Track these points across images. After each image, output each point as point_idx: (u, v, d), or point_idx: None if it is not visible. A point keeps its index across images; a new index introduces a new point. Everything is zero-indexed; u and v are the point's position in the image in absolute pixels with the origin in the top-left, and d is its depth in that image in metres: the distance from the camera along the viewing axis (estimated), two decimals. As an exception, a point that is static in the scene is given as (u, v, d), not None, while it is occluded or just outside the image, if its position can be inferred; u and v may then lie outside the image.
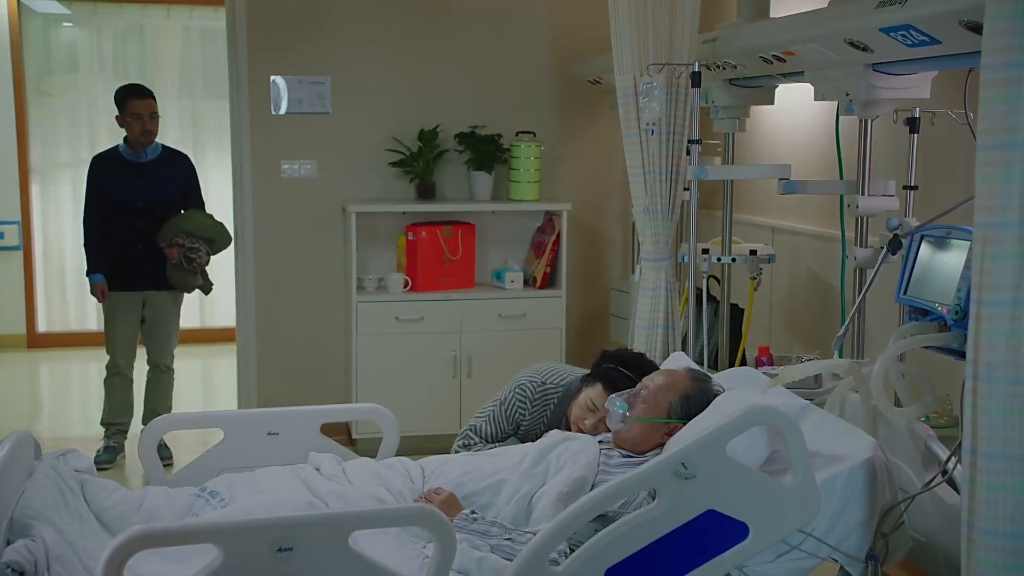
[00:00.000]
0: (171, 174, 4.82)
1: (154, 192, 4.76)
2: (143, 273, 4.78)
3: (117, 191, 4.75)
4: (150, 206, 4.75)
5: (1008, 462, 1.68)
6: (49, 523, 2.09)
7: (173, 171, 4.84)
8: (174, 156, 4.90)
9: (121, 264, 4.78)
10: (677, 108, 3.56)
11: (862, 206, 3.13)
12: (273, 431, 2.75)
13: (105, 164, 4.81)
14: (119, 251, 4.77)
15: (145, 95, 4.72)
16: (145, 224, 4.74)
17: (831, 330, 4.05)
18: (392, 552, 2.17)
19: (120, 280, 4.79)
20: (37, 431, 5.36)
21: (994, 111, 1.66)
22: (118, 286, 4.79)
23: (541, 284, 5.16)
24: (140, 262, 4.76)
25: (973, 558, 1.73)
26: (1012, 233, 1.65)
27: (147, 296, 4.83)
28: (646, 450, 2.58)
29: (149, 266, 4.75)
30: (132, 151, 4.75)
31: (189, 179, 4.89)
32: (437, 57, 5.22)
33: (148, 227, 4.74)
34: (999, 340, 1.68)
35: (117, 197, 4.74)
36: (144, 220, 4.74)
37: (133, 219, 4.74)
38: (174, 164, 4.86)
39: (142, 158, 4.76)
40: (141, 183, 4.75)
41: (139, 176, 4.75)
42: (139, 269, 4.77)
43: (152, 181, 4.76)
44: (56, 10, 7.23)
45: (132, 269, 4.78)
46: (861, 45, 2.76)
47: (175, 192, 4.82)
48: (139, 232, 4.75)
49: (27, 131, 7.21)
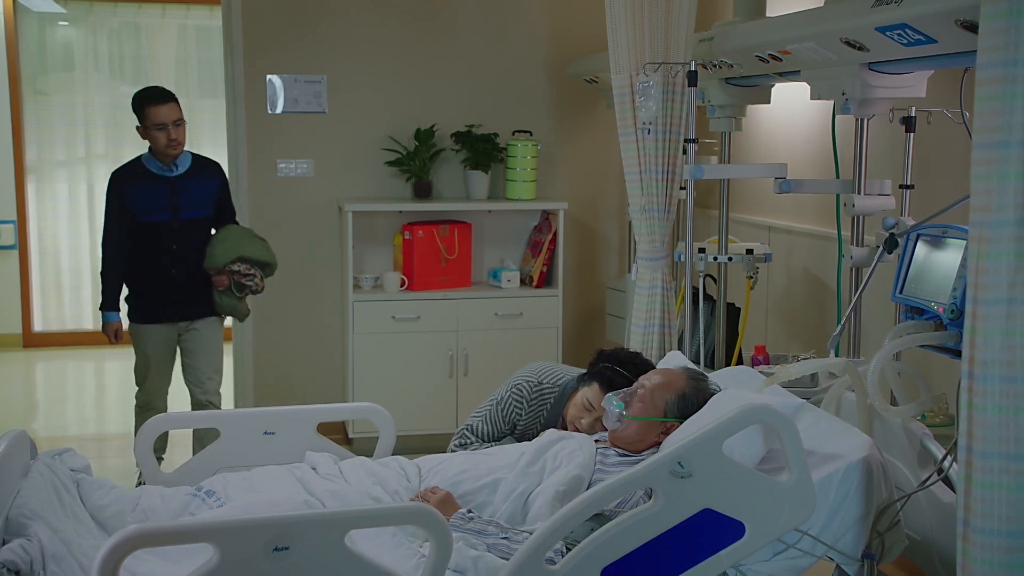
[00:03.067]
0: (205, 186, 4.23)
1: (190, 209, 4.16)
2: (180, 301, 4.19)
3: (149, 211, 4.09)
4: (186, 226, 4.15)
5: (1003, 460, 1.68)
6: (45, 522, 2.09)
7: (207, 182, 4.24)
8: (207, 165, 4.29)
9: (155, 293, 4.17)
10: (673, 107, 3.56)
11: (858, 205, 3.14)
12: (269, 430, 2.75)
13: (131, 180, 4.13)
14: (153, 279, 4.15)
15: (167, 99, 4.08)
16: (180, 246, 4.14)
17: (827, 329, 4.06)
18: (388, 551, 2.17)
19: (154, 311, 4.18)
20: (33, 430, 5.37)
21: (989, 110, 1.66)
22: (151, 317, 4.18)
23: (537, 283, 5.16)
24: (177, 290, 4.16)
25: (968, 556, 1.73)
26: (1007, 232, 1.65)
27: (183, 326, 4.24)
28: (642, 449, 2.58)
29: (187, 293, 4.18)
30: (160, 163, 4.13)
31: (223, 190, 4.32)
32: (433, 56, 5.22)
33: (184, 250, 4.15)
34: (994, 339, 1.68)
35: (149, 218, 4.09)
36: (179, 242, 4.14)
37: (168, 241, 4.12)
38: (207, 174, 4.26)
39: (173, 171, 4.13)
40: (176, 200, 4.12)
41: (172, 192, 4.12)
42: (176, 297, 4.18)
43: (187, 196, 4.15)
44: (52, 9, 7.22)
45: (168, 298, 4.17)
46: (857, 44, 2.76)
47: (210, 207, 4.24)
48: (175, 256, 4.14)
49: (23, 130, 7.20)
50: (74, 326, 7.48)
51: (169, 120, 4.04)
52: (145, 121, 4.06)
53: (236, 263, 4.15)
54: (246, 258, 4.17)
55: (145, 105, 4.05)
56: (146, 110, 4.04)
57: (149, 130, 4.06)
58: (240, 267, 4.15)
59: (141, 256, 4.15)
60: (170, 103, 4.07)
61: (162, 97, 4.07)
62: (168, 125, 4.04)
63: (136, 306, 4.22)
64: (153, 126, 4.04)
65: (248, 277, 4.17)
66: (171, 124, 4.04)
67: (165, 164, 4.12)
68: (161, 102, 4.05)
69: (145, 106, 4.05)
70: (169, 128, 4.04)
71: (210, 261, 4.14)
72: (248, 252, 4.17)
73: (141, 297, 4.20)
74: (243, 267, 4.16)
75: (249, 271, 4.17)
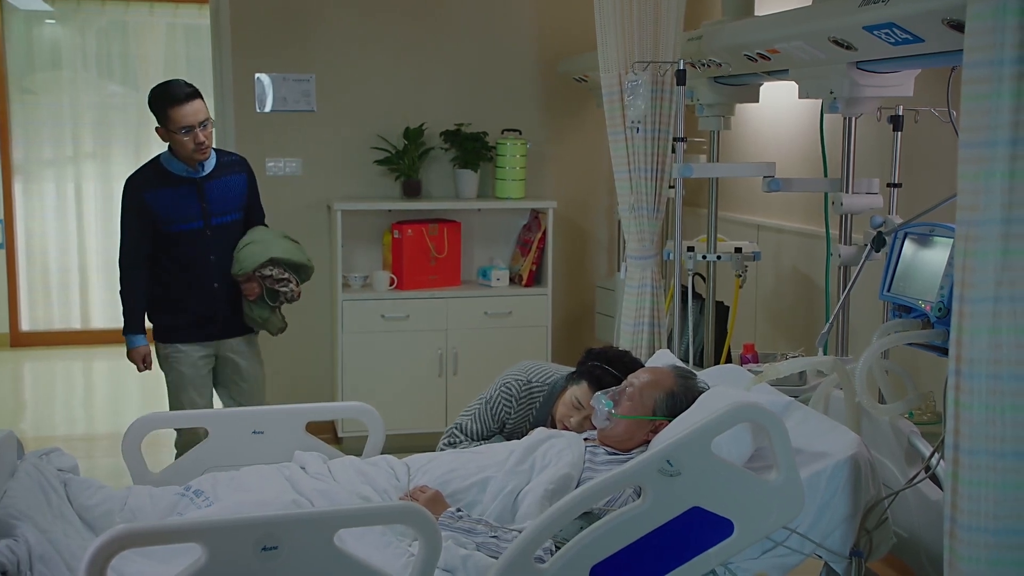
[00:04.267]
0: (234, 186, 3.77)
1: (222, 213, 3.72)
2: (217, 318, 3.76)
3: (176, 219, 3.64)
4: (220, 232, 3.71)
5: (990, 458, 1.69)
6: (32, 522, 2.08)
7: (235, 183, 3.78)
8: (234, 162, 3.82)
9: (189, 310, 3.73)
10: (662, 106, 3.57)
11: (846, 204, 3.15)
12: (258, 430, 2.74)
13: (152, 185, 3.64)
14: (187, 294, 3.73)
15: (191, 97, 3.54)
16: (216, 256, 3.71)
17: (815, 327, 4.07)
18: (377, 550, 2.16)
19: (187, 330, 3.74)
20: (21, 430, 5.33)
21: (976, 109, 1.67)
22: (184, 336, 3.74)
23: (527, 282, 5.16)
24: (215, 305, 3.75)
25: (955, 553, 1.74)
26: (994, 230, 1.66)
27: (220, 345, 3.81)
28: (631, 447, 2.59)
29: (223, 308, 3.76)
30: (184, 164, 3.65)
31: (251, 188, 3.86)
32: (422, 55, 5.21)
33: (219, 259, 3.71)
34: (981, 337, 1.69)
35: (178, 227, 3.65)
36: (214, 251, 3.70)
37: (203, 252, 3.69)
38: (235, 172, 3.79)
39: (199, 172, 3.67)
40: (205, 205, 3.67)
41: (201, 196, 3.66)
42: (214, 314, 3.75)
43: (217, 199, 3.70)
44: (39, 7, 7.19)
45: (203, 315, 3.74)
46: (845, 43, 2.77)
47: (241, 210, 3.80)
48: (209, 267, 3.71)
49: (9, 129, 7.17)
50: (62, 325, 7.46)
51: (196, 121, 3.53)
52: (167, 124, 3.54)
53: (267, 267, 3.68)
54: (277, 260, 3.70)
55: (167, 106, 3.53)
56: (169, 111, 3.52)
57: (172, 134, 3.56)
58: (272, 271, 3.68)
59: (171, 270, 3.71)
60: (195, 101, 3.55)
61: (186, 96, 3.53)
62: (195, 127, 3.53)
63: (166, 326, 3.76)
64: (177, 130, 3.53)
65: (282, 282, 3.71)
66: (198, 126, 3.54)
67: (190, 165, 3.65)
68: (185, 101, 3.52)
69: (168, 107, 3.52)
70: (196, 131, 3.54)
71: (237, 267, 3.68)
72: (279, 253, 3.70)
73: (173, 316, 3.74)
74: (275, 271, 3.69)
75: (282, 275, 3.70)
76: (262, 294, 3.72)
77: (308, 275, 3.84)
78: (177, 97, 3.52)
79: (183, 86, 3.57)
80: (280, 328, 3.87)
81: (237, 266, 3.68)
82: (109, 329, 7.43)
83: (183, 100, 3.52)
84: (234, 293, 3.75)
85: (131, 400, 6.25)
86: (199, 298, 3.72)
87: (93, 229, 7.42)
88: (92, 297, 7.47)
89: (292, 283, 3.73)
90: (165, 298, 3.74)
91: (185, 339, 3.74)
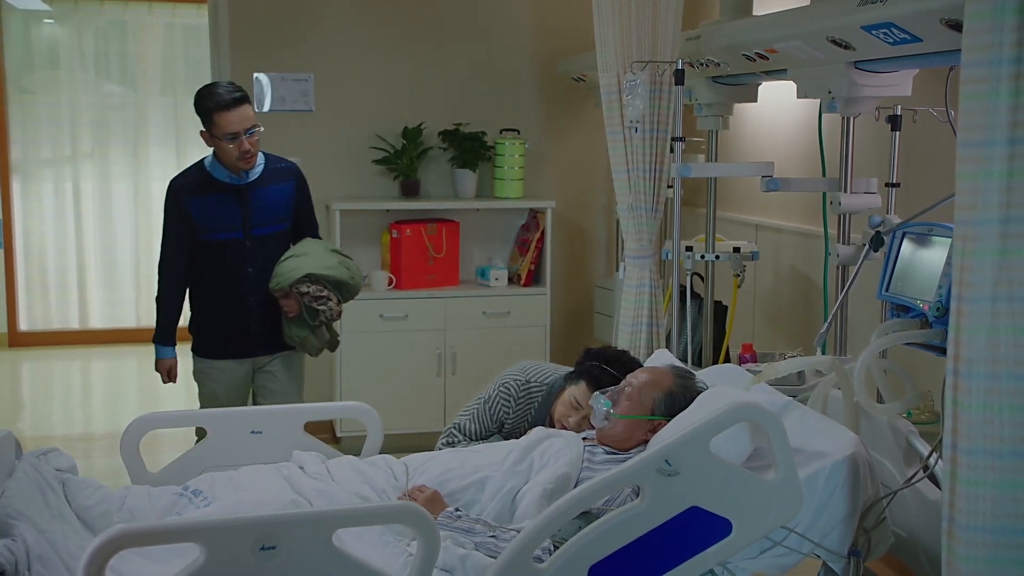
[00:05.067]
0: (281, 194, 3.58)
1: (265, 223, 3.53)
2: (252, 333, 3.58)
3: (215, 228, 3.48)
4: (261, 243, 3.52)
5: (988, 457, 1.69)
6: (30, 522, 2.08)
7: (282, 191, 3.58)
8: (283, 170, 3.62)
9: (225, 324, 3.57)
10: (661, 106, 3.57)
11: (844, 203, 3.15)
12: (257, 429, 2.74)
13: (193, 191, 3.48)
14: (223, 307, 3.56)
15: (238, 102, 3.37)
16: (256, 269, 3.52)
17: (814, 327, 4.07)
18: (376, 550, 2.16)
19: (224, 345, 3.58)
20: (19, 430, 5.34)
21: (974, 108, 1.67)
22: (221, 352, 3.58)
23: (525, 282, 5.16)
24: (252, 320, 3.56)
25: (953, 552, 1.74)
26: (992, 230, 1.66)
27: (258, 363, 3.64)
28: (630, 447, 2.59)
29: (259, 323, 3.57)
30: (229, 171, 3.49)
31: (301, 197, 3.67)
32: (421, 54, 5.21)
33: (261, 273, 3.52)
34: (979, 336, 1.69)
35: (215, 235, 3.49)
36: (253, 263, 3.52)
37: (240, 263, 3.51)
38: (283, 180, 3.60)
39: (244, 178, 3.49)
40: (247, 212, 3.50)
41: (243, 203, 3.49)
42: (251, 329, 3.57)
43: (261, 208, 3.52)
44: (37, 7, 7.18)
45: (240, 331, 3.56)
46: (843, 43, 2.77)
47: (288, 220, 3.62)
48: (250, 280, 3.52)
49: (7, 129, 7.16)
50: (60, 325, 7.45)
51: (242, 128, 3.36)
52: (212, 129, 3.39)
53: (304, 283, 3.45)
54: (316, 276, 3.47)
55: (213, 111, 3.36)
56: (214, 116, 3.36)
57: (216, 139, 3.40)
58: (310, 288, 3.45)
59: (208, 281, 3.55)
60: (243, 106, 3.38)
61: (234, 101, 3.36)
62: (240, 134, 3.36)
63: (202, 339, 3.61)
64: (224, 136, 3.36)
65: (320, 300, 3.46)
66: (243, 133, 3.37)
67: (234, 173, 3.47)
68: (232, 107, 3.35)
69: (213, 112, 3.36)
70: (242, 138, 3.37)
71: (275, 281, 3.47)
72: (317, 269, 3.46)
73: (208, 329, 3.59)
74: (313, 288, 3.45)
75: (321, 292, 3.46)
76: (301, 312, 3.50)
77: (352, 293, 3.60)
78: (223, 102, 3.35)
79: (230, 89, 3.40)
80: (321, 348, 3.63)
81: (275, 280, 3.48)
82: (107, 329, 7.44)
83: (230, 105, 3.35)
84: (273, 308, 3.54)
85: (129, 400, 6.26)
86: (234, 312, 3.54)
87: (91, 229, 7.41)
88: (90, 297, 7.46)
89: (332, 301, 3.49)
90: (201, 310, 3.60)
91: (219, 354, 3.59)
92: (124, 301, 7.49)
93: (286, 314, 3.52)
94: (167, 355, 3.63)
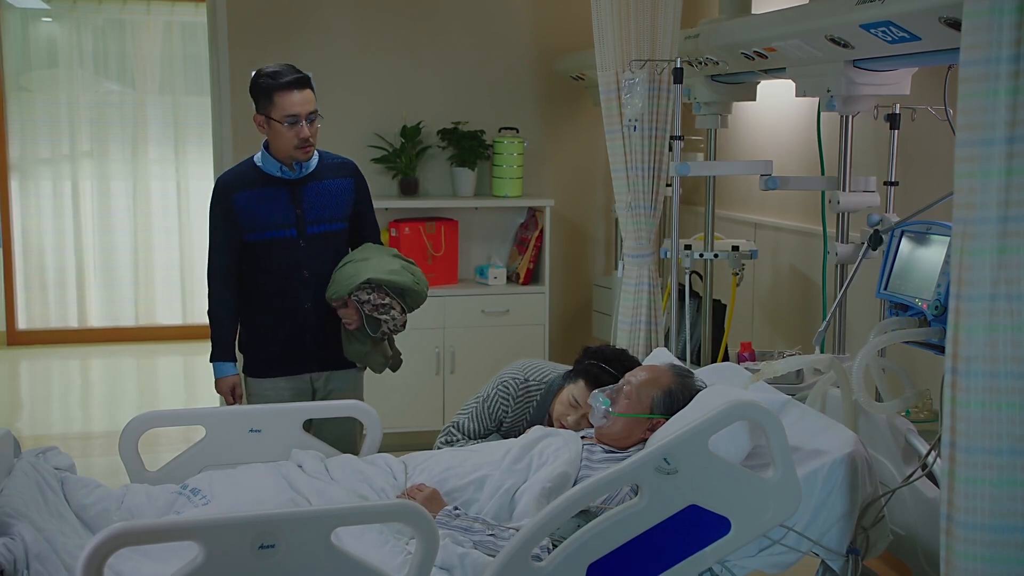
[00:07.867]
0: (337, 191, 3.25)
1: (320, 221, 3.20)
2: (308, 346, 3.24)
3: (266, 224, 3.15)
4: (316, 243, 3.20)
5: (986, 456, 1.69)
6: (28, 521, 2.08)
7: (340, 187, 3.25)
8: (340, 165, 3.30)
9: (278, 336, 3.23)
10: (659, 104, 3.57)
11: (843, 202, 3.15)
12: (255, 428, 2.74)
13: (241, 186, 3.16)
14: (276, 317, 3.22)
15: (302, 84, 3.08)
16: (310, 272, 3.19)
17: (812, 325, 4.07)
18: (375, 549, 2.16)
19: (277, 360, 3.24)
20: (17, 429, 5.35)
21: (973, 107, 1.67)
22: (271, 370, 3.25)
23: (524, 280, 5.16)
24: (303, 330, 3.23)
25: (952, 551, 1.74)
26: (990, 228, 1.66)
27: (317, 379, 3.30)
28: (628, 445, 2.59)
29: (319, 336, 3.23)
30: (281, 163, 3.16)
31: (360, 196, 3.32)
32: (420, 53, 5.21)
33: (313, 276, 3.19)
34: (978, 335, 1.69)
35: (265, 234, 3.16)
36: (308, 266, 3.19)
37: (294, 265, 3.18)
38: (341, 176, 3.27)
39: (297, 172, 3.17)
40: (300, 210, 3.17)
41: (296, 199, 3.17)
42: (302, 341, 3.23)
43: (314, 204, 3.19)
44: (35, 5, 7.18)
45: (292, 343, 3.23)
46: (842, 41, 2.77)
47: (345, 219, 3.26)
48: (302, 284, 3.20)
49: (6, 127, 7.16)
50: (59, 324, 7.45)
51: (304, 112, 3.06)
52: (271, 110, 3.06)
53: (364, 290, 3.10)
54: (377, 283, 3.11)
55: (273, 90, 3.05)
56: (274, 96, 3.04)
57: (275, 123, 3.07)
58: (370, 296, 3.10)
59: (258, 288, 3.22)
60: (306, 90, 3.09)
61: (297, 82, 3.06)
62: (301, 119, 3.06)
63: (252, 357, 3.28)
64: (283, 118, 3.05)
65: (381, 309, 3.11)
66: (304, 118, 3.07)
67: (287, 165, 3.16)
68: (295, 87, 3.05)
69: (273, 91, 3.05)
70: (302, 123, 3.06)
71: (332, 290, 3.13)
72: (378, 274, 3.10)
73: (260, 345, 3.26)
74: (373, 296, 3.10)
75: (382, 300, 3.11)
76: (362, 323, 3.15)
77: (418, 302, 3.24)
78: (286, 81, 3.05)
79: (294, 70, 3.09)
80: (385, 364, 3.29)
81: (332, 288, 3.13)
82: (106, 328, 7.43)
83: (293, 86, 3.05)
84: (331, 322, 3.21)
85: (128, 399, 6.25)
86: (288, 322, 3.21)
87: (90, 227, 7.41)
88: (89, 296, 7.46)
89: (395, 310, 3.14)
90: (251, 323, 3.26)
91: (272, 373, 3.25)
92: (123, 300, 7.49)
93: (346, 326, 3.18)
94: (228, 372, 3.25)
